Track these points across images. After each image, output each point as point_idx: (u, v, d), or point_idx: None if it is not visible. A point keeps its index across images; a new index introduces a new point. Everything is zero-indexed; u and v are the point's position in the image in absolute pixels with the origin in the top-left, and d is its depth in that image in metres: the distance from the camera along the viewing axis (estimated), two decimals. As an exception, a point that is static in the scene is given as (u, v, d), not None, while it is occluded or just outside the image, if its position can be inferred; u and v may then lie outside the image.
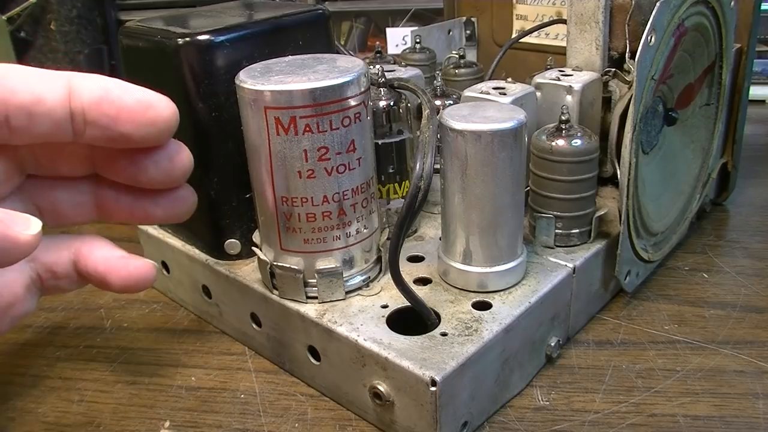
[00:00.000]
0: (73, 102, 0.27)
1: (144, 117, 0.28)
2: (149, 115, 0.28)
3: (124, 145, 0.29)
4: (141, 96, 0.28)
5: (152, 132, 0.29)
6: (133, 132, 0.28)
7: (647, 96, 0.37)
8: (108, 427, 0.34)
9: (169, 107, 0.29)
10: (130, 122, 0.28)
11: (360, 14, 1.06)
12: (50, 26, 0.88)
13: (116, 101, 0.28)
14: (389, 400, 0.31)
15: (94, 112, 0.28)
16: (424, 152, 0.30)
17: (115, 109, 0.28)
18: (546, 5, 0.53)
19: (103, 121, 0.28)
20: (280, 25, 0.37)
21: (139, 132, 0.29)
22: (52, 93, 0.27)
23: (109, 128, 0.28)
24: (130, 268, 0.31)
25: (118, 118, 0.28)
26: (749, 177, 0.57)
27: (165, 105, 0.29)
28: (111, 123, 0.28)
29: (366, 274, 0.35)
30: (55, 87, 0.27)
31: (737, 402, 0.33)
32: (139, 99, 0.28)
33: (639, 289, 0.42)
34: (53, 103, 0.27)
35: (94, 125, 0.28)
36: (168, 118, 0.29)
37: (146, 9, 0.97)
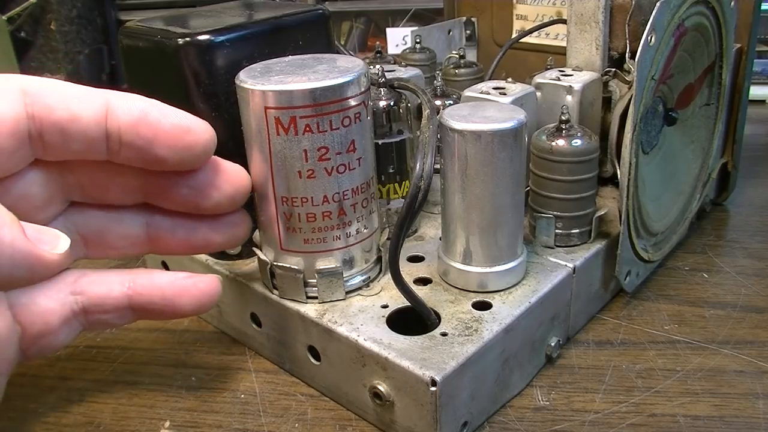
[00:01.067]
0: (109, 122, 0.27)
1: (181, 141, 0.28)
2: (187, 139, 0.28)
3: (159, 168, 0.29)
4: (179, 120, 0.28)
5: (189, 157, 0.29)
6: (169, 156, 0.28)
7: (647, 96, 0.37)
8: (108, 427, 0.34)
9: (207, 132, 0.29)
10: (166, 146, 0.28)
11: (360, 14, 1.06)
12: (50, 26, 0.88)
13: (154, 124, 0.28)
14: (389, 400, 0.31)
15: (131, 134, 0.27)
16: (424, 152, 0.30)
17: (153, 132, 0.27)
18: (546, 5, 0.53)
19: (139, 143, 0.28)
20: (280, 25, 0.37)
21: (175, 156, 0.28)
22: (88, 112, 0.27)
23: (145, 150, 0.28)
24: (201, 286, 0.31)
25: (155, 141, 0.28)
26: (749, 177, 0.57)
27: (203, 130, 0.29)
28: (147, 145, 0.28)
29: (366, 274, 0.35)
30: (92, 106, 0.27)
31: (737, 402, 0.33)
32: (177, 123, 0.28)
33: (639, 289, 0.42)
34: (88, 123, 0.27)
35: (130, 147, 0.28)
36: (205, 143, 0.29)
37: (146, 9, 0.97)
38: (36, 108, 0.26)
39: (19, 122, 0.26)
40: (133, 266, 0.49)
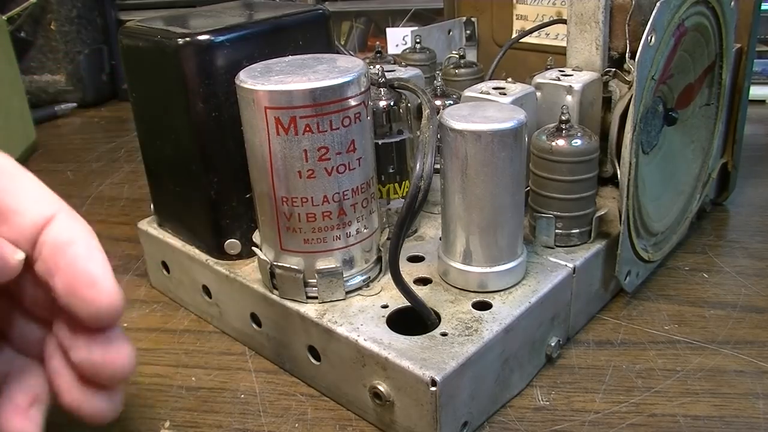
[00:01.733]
0: (43, 234, 0.25)
1: (77, 290, 0.24)
2: (83, 293, 0.24)
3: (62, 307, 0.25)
4: (94, 268, 0.25)
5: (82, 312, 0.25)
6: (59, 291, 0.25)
7: (647, 96, 0.37)
8: (108, 427, 0.34)
9: (112, 300, 0.25)
10: (63, 282, 0.25)
11: (360, 14, 1.06)
12: (50, 26, 0.88)
13: (71, 256, 0.25)
14: (389, 400, 0.31)
15: (48, 252, 0.25)
16: (424, 152, 0.30)
17: (65, 263, 0.25)
18: (546, 5, 0.53)
19: (46, 264, 0.25)
20: (280, 25, 0.37)
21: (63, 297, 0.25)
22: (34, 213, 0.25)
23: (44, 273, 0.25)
24: None
25: (58, 270, 0.25)
26: (749, 177, 0.57)
27: (109, 295, 0.25)
28: (49, 271, 0.25)
29: (366, 274, 0.35)
30: (42, 210, 0.25)
31: (737, 402, 0.33)
32: (90, 270, 0.24)
33: (639, 289, 0.42)
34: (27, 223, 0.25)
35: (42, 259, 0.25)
36: (107, 312, 0.25)
37: (146, 9, 0.97)
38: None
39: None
40: (134, 265, 0.49)
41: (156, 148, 0.40)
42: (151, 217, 0.44)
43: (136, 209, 0.59)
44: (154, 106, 0.38)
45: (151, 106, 0.39)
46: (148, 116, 0.40)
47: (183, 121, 0.36)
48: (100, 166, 0.70)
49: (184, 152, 0.37)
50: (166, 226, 0.43)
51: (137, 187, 0.63)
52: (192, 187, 0.38)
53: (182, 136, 0.37)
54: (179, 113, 0.36)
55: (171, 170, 0.39)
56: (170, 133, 0.38)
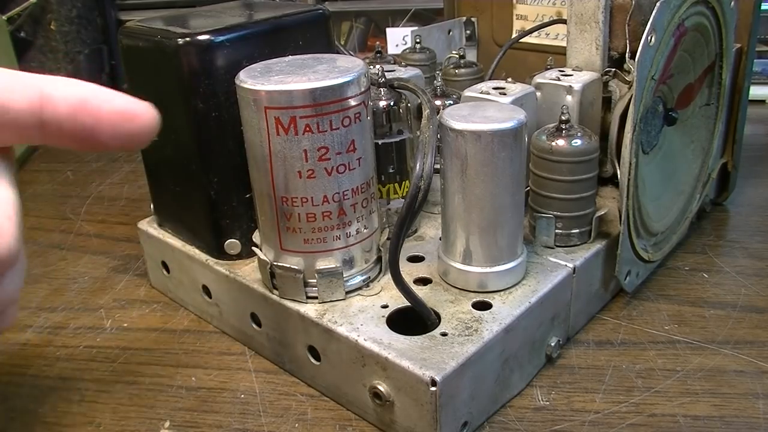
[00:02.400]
0: (45, 112, 0.25)
1: (124, 128, 0.26)
2: (130, 126, 0.26)
3: (100, 150, 0.28)
4: (121, 106, 0.26)
5: (132, 143, 0.27)
6: (112, 143, 0.26)
7: (647, 96, 0.37)
8: (108, 427, 0.34)
9: (150, 116, 0.27)
10: (110, 134, 0.26)
11: (360, 14, 1.06)
12: (50, 26, 0.88)
13: (94, 112, 0.26)
14: (389, 400, 0.31)
15: (70, 123, 0.26)
16: (424, 152, 0.30)
17: (94, 120, 0.26)
18: (546, 5, 0.53)
19: (80, 131, 0.26)
20: (280, 25, 0.37)
21: (118, 143, 0.27)
22: (21, 102, 0.25)
23: (86, 138, 0.26)
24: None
25: (97, 128, 0.26)
26: (749, 177, 0.57)
27: (146, 115, 0.27)
28: (89, 134, 0.26)
29: (366, 274, 0.35)
30: (25, 97, 0.25)
31: (737, 402, 0.33)
32: (119, 109, 0.26)
33: (639, 289, 0.42)
34: (19, 113, 0.25)
35: (70, 135, 0.26)
36: (150, 128, 0.27)
37: (146, 9, 0.97)
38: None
39: None
40: (134, 265, 0.49)
41: (156, 148, 0.40)
42: (151, 217, 0.44)
43: (136, 209, 0.59)
44: (154, 106, 0.38)
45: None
46: (148, 116, 0.39)
47: (183, 121, 0.36)
48: (100, 166, 0.70)
49: (184, 152, 0.37)
50: (166, 226, 0.43)
51: (137, 187, 0.63)
52: (192, 187, 0.38)
53: (182, 136, 0.37)
54: (179, 113, 0.36)
55: (171, 170, 0.39)
56: (170, 133, 0.38)
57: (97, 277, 0.48)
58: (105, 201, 0.61)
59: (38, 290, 0.46)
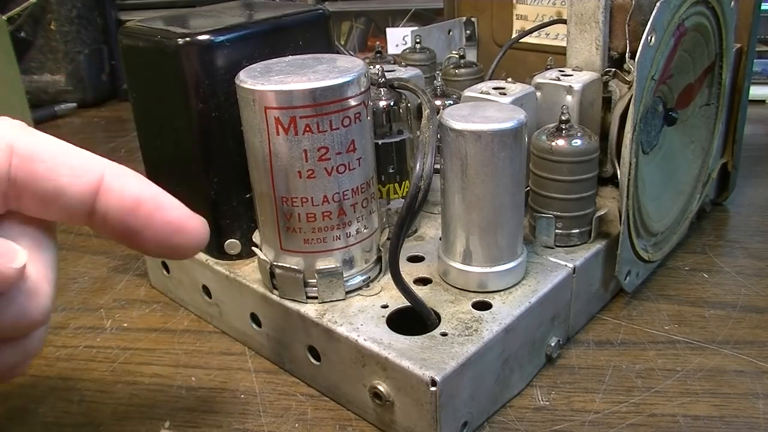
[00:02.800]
0: (98, 203, 0.24)
1: (169, 241, 0.25)
2: (175, 240, 0.25)
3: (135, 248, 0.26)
4: (172, 218, 0.25)
5: (172, 255, 0.26)
6: (152, 249, 0.26)
7: (647, 96, 0.37)
8: (108, 427, 0.34)
9: (200, 233, 0.26)
10: (153, 241, 0.25)
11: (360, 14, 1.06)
12: (50, 26, 0.88)
13: (144, 218, 0.25)
14: (389, 400, 0.31)
15: (117, 221, 0.25)
16: (424, 152, 0.30)
17: (141, 225, 0.25)
18: (546, 5, 0.53)
19: (124, 231, 0.25)
20: (280, 25, 0.37)
21: (158, 251, 0.26)
22: (78, 188, 0.24)
23: (127, 237, 0.25)
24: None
25: (141, 233, 0.25)
26: (749, 177, 0.57)
27: (197, 230, 0.26)
28: (131, 235, 0.25)
29: (366, 274, 0.35)
30: (84, 182, 0.24)
31: (737, 402, 0.33)
32: (170, 221, 0.25)
33: (639, 289, 0.42)
34: (74, 199, 0.24)
35: (112, 230, 0.25)
36: (195, 245, 0.26)
37: (146, 9, 0.97)
38: (20, 173, 0.23)
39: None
40: (134, 265, 0.49)
41: (156, 148, 0.40)
42: (151, 217, 0.44)
43: (136, 209, 0.59)
44: (154, 106, 0.38)
45: (151, 106, 0.39)
46: (148, 116, 0.40)
47: (183, 122, 0.36)
48: (100, 166, 0.70)
49: (184, 152, 0.37)
50: (166, 226, 0.43)
51: (137, 187, 0.63)
52: (192, 187, 0.38)
53: (182, 136, 0.37)
54: (179, 113, 0.36)
55: (171, 170, 0.39)
56: (170, 133, 0.38)
57: (97, 277, 0.48)
58: (105, 201, 0.61)
59: (38, 290, 0.46)
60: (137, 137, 0.41)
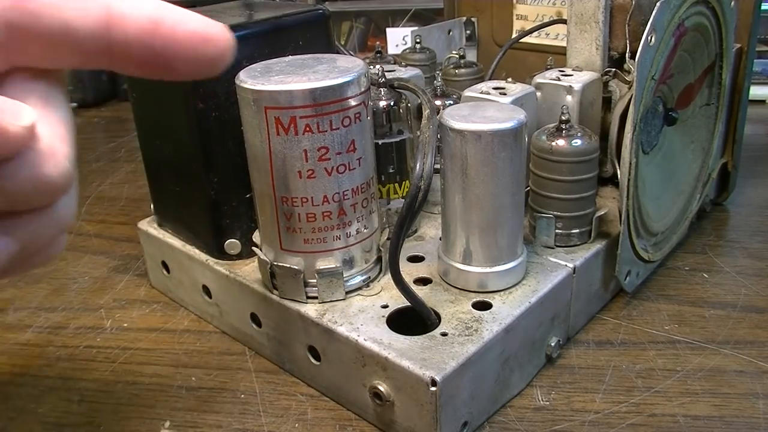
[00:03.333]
0: (113, 34, 0.22)
1: (199, 52, 0.24)
2: (205, 50, 0.24)
3: (168, 77, 0.25)
4: (196, 27, 0.23)
5: (205, 69, 0.25)
6: (183, 69, 0.24)
7: (647, 96, 0.37)
8: (108, 427, 0.34)
9: (226, 38, 0.24)
10: (183, 58, 0.24)
11: (360, 14, 1.06)
12: (50, 26, 0.88)
13: (168, 35, 0.23)
14: (389, 400, 0.31)
15: (141, 47, 0.23)
16: (424, 152, 0.30)
17: (167, 44, 0.23)
18: (546, 5, 0.53)
19: (151, 57, 0.23)
20: (280, 25, 0.37)
21: (190, 69, 0.24)
22: (85, 21, 0.22)
23: (156, 64, 0.24)
24: None
25: (168, 54, 0.23)
26: (749, 177, 0.57)
27: (222, 36, 0.24)
28: (160, 59, 0.23)
29: (366, 274, 0.35)
30: (90, 15, 0.22)
31: (737, 402, 0.33)
32: (194, 30, 0.23)
33: (639, 289, 0.42)
34: (85, 35, 0.22)
35: (138, 61, 0.23)
36: (225, 52, 0.24)
37: (146, 9, 0.97)
38: (18, 16, 0.21)
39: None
40: (134, 265, 0.49)
41: (156, 148, 0.40)
42: (151, 217, 0.44)
43: (136, 209, 0.59)
44: (154, 106, 0.38)
45: (151, 106, 0.39)
46: (148, 116, 0.40)
47: (183, 121, 0.36)
48: (100, 166, 0.70)
49: (184, 152, 0.37)
50: (166, 226, 0.43)
51: (137, 187, 0.63)
52: (192, 187, 0.38)
53: (182, 136, 0.37)
54: (179, 113, 0.36)
55: (171, 170, 0.39)
56: (170, 133, 0.38)
57: (97, 277, 0.48)
58: (105, 201, 0.61)
59: (38, 290, 0.46)
60: (137, 137, 0.41)
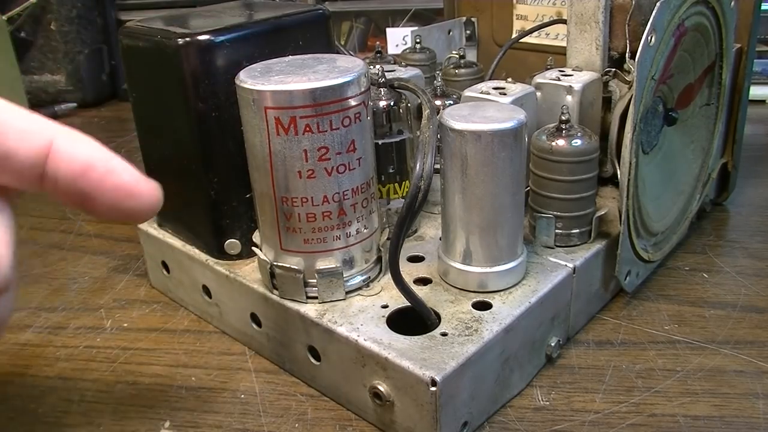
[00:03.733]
0: (48, 166, 0.24)
1: (121, 205, 0.25)
2: (127, 204, 0.25)
3: (88, 213, 0.26)
4: (123, 182, 0.25)
5: (123, 218, 0.26)
6: (103, 213, 0.25)
7: (647, 96, 0.37)
8: (108, 427, 0.34)
9: (152, 198, 0.26)
10: (103, 205, 0.25)
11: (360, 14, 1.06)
12: (50, 26, 0.88)
13: (95, 182, 0.25)
14: (389, 400, 0.31)
15: (68, 184, 0.25)
16: (424, 152, 0.30)
17: (91, 189, 0.25)
18: (546, 5, 0.53)
19: (75, 195, 0.25)
20: (280, 25, 0.37)
21: (108, 214, 0.26)
22: (26, 151, 0.24)
23: (78, 201, 0.25)
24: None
25: (93, 197, 0.25)
26: (749, 177, 0.57)
27: (148, 195, 0.26)
28: (82, 199, 0.25)
29: (366, 274, 0.35)
30: (33, 145, 0.24)
31: (737, 402, 0.33)
32: (121, 185, 0.25)
33: (639, 289, 0.42)
34: (23, 162, 0.24)
35: (64, 193, 0.25)
36: (147, 211, 0.26)
37: (146, 9, 0.97)
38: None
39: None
40: (134, 265, 0.49)
41: (156, 148, 0.40)
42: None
43: (136, 209, 0.59)
44: (154, 106, 0.38)
45: (151, 106, 0.39)
46: (148, 116, 0.40)
47: (183, 122, 0.36)
48: (100, 166, 0.70)
49: (184, 152, 0.37)
50: (166, 226, 0.43)
51: (137, 187, 0.63)
52: (192, 187, 0.38)
53: (182, 136, 0.37)
54: (179, 113, 0.36)
55: (171, 170, 0.39)
56: (170, 133, 0.38)
57: (97, 277, 0.48)
58: (105, 201, 0.61)
59: (38, 290, 0.46)
60: (137, 137, 0.41)
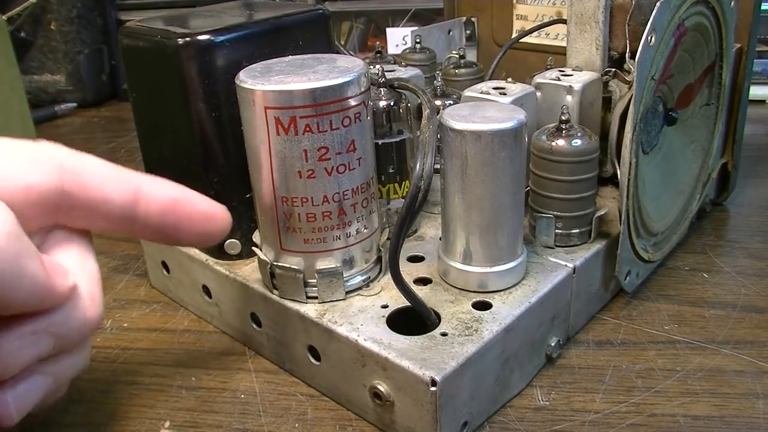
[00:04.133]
0: (139, 208, 0.29)
1: (204, 228, 0.30)
2: (209, 226, 0.30)
3: (173, 245, 0.32)
4: (204, 208, 0.30)
5: (206, 241, 0.31)
6: (188, 240, 0.30)
7: (647, 96, 0.37)
8: (108, 427, 0.34)
9: (226, 219, 0.31)
10: (190, 232, 0.30)
11: (360, 14, 1.06)
12: (50, 26, 0.88)
13: (181, 212, 0.29)
14: (389, 400, 0.31)
15: (158, 220, 0.29)
16: (424, 152, 0.30)
17: (180, 220, 0.29)
18: (546, 5, 0.53)
19: (164, 229, 0.29)
20: (280, 25, 0.37)
21: (194, 240, 0.31)
22: (120, 196, 0.28)
23: (168, 234, 0.30)
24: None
25: (180, 227, 0.30)
26: (749, 177, 0.57)
27: (224, 217, 0.31)
28: (172, 231, 0.30)
29: (366, 274, 0.35)
30: (125, 190, 0.28)
31: (737, 402, 0.33)
32: (203, 211, 0.30)
33: (639, 289, 0.42)
34: (117, 206, 0.28)
35: (154, 230, 0.29)
36: (224, 230, 0.31)
37: (146, 9, 0.97)
38: (71, 185, 0.27)
39: (49, 195, 0.26)
40: (134, 265, 0.49)
41: (156, 148, 0.40)
42: (151, 217, 0.44)
43: (136, 209, 0.59)
44: (154, 106, 0.38)
45: (151, 106, 0.39)
46: (148, 116, 0.40)
47: (183, 121, 0.36)
48: (100, 166, 0.70)
49: (184, 152, 0.37)
50: (166, 226, 0.43)
51: (137, 187, 0.63)
52: (192, 187, 0.38)
53: (182, 137, 0.37)
54: (179, 113, 0.36)
55: (171, 170, 0.39)
56: (170, 133, 0.38)
57: (97, 277, 0.48)
58: (105, 201, 0.61)
59: (38, 290, 0.46)
60: (137, 137, 0.41)
